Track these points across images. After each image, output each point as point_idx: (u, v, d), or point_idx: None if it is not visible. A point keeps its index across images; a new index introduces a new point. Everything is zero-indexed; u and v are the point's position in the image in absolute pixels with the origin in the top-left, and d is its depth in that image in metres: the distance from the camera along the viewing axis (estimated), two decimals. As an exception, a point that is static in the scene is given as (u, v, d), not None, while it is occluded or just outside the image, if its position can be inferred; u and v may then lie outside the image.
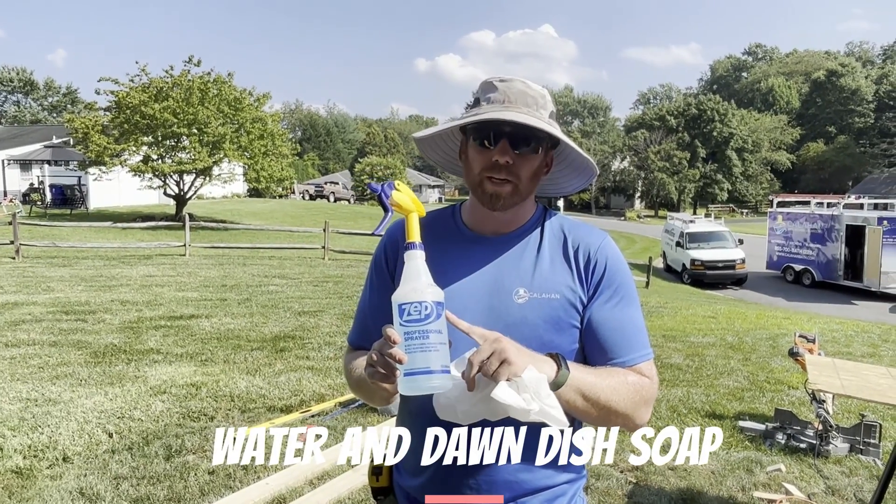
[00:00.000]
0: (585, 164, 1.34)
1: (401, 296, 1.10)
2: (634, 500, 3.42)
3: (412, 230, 1.18)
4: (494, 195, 1.24)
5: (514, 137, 1.22)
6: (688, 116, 60.20)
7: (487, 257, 1.30)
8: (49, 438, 3.94)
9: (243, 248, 17.02)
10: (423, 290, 1.10)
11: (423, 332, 1.07)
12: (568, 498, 1.30)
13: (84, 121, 22.78)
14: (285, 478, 3.46)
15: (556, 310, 1.24)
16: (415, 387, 1.07)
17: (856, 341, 8.52)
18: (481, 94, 1.29)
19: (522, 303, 1.24)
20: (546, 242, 1.31)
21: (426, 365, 1.06)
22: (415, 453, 1.30)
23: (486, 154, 1.24)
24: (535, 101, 1.26)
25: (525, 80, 1.28)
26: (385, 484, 1.40)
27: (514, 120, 1.20)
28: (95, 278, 11.03)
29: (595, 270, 1.27)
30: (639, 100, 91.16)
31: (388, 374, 1.08)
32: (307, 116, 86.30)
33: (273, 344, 6.66)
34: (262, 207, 35.85)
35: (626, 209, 59.72)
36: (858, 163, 61.02)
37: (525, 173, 1.25)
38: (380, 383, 1.10)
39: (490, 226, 1.32)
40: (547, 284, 1.25)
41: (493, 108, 1.24)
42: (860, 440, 4.10)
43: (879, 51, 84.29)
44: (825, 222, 20.47)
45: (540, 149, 1.26)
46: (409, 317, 1.08)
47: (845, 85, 67.17)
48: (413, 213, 1.21)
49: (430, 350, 1.06)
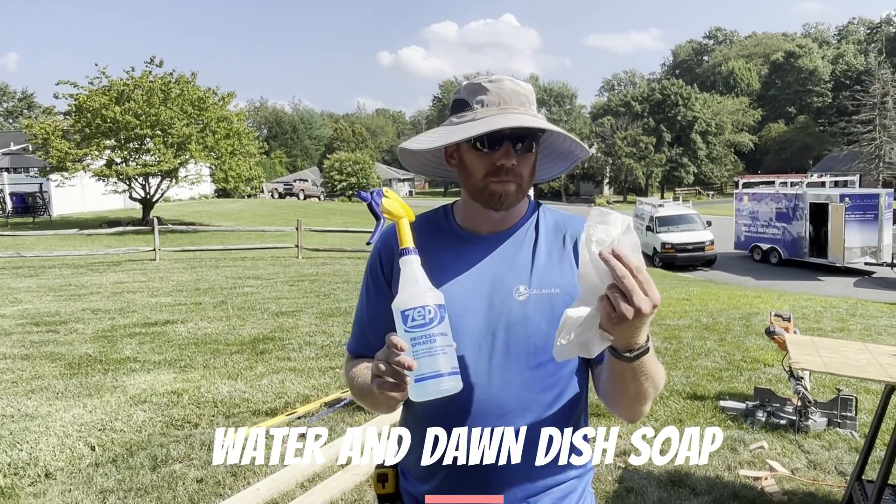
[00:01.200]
0: (570, 150, 1.34)
1: (402, 302, 1.09)
2: (625, 484, 3.47)
3: (405, 236, 1.17)
4: (503, 195, 1.23)
5: (515, 140, 1.22)
6: (652, 102, 60.94)
7: (484, 256, 1.28)
8: (29, 455, 3.84)
9: (215, 251, 16.78)
10: (424, 294, 1.09)
11: (428, 337, 1.06)
12: (578, 494, 1.31)
13: (43, 126, 22.18)
14: (276, 482, 3.44)
15: (558, 304, 1.22)
16: (426, 392, 1.06)
17: (825, 317, 8.74)
18: (468, 96, 1.26)
19: (523, 300, 1.23)
20: (542, 237, 1.30)
21: (435, 369, 1.05)
22: (419, 461, 1.29)
23: (486, 158, 1.22)
24: (528, 98, 1.26)
25: (512, 77, 1.27)
26: (391, 490, 1.38)
27: (529, 126, 1.19)
28: (64, 287, 10.78)
29: None
30: (603, 87, 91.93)
31: (398, 382, 1.05)
32: (272, 114, 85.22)
33: (252, 346, 6.59)
34: (232, 208, 35.36)
35: (595, 196, 60.24)
36: (818, 141, 62.43)
37: (526, 171, 1.25)
38: (389, 393, 1.07)
39: (485, 225, 1.31)
40: (546, 279, 1.25)
41: (491, 111, 1.22)
42: (837, 414, 4.21)
43: (834, 31, 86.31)
44: (789, 201, 20.93)
45: (535, 146, 1.26)
46: (414, 322, 1.07)
47: (803, 66, 68.61)
48: (404, 218, 1.20)
49: (438, 353, 1.06)
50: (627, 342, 1.02)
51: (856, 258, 18.89)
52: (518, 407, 1.21)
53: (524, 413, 1.21)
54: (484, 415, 1.21)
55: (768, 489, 3.38)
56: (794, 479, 3.53)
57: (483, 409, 1.21)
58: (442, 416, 1.23)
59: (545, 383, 1.23)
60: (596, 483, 3.50)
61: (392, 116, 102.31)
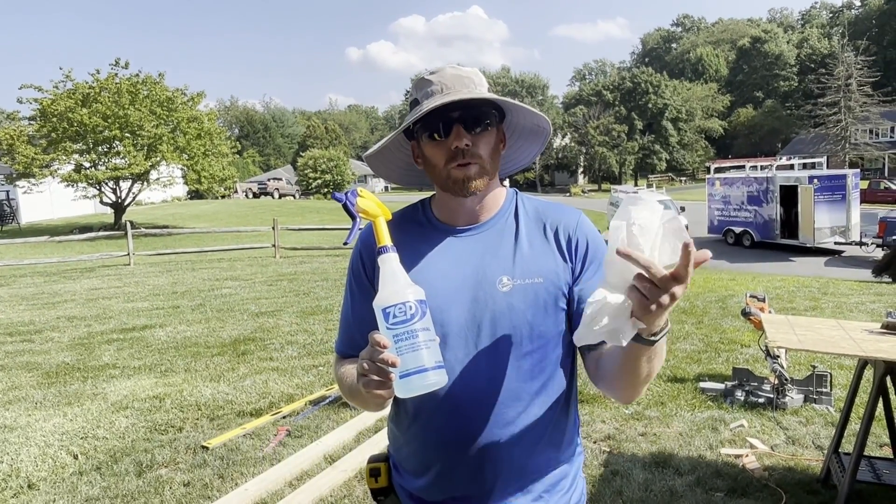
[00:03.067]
0: (535, 124, 1.34)
1: (382, 300, 1.09)
2: (611, 467, 3.52)
3: (381, 234, 1.18)
4: (464, 179, 1.23)
5: (465, 120, 1.22)
6: (623, 90, 61.45)
7: (465, 249, 1.28)
8: (10, 466, 3.79)
9: (190, 253, 16.56)
10: (404, 290, 1.09)
11: (411, 332, 1.06)
12: (570, 479, 1.32)
13: (7, 131, 21.67)
14: (264, 482, 3.43)
15: (541, 294, 1.23)
16: (411, 388, 1.06)
17: (798, 296, 8.93)
18: (417, 93, 1.27)
19: (507, 290, 1.23)
20: (523, 227, 1.30)
21: (419, 364, 1.05)
22: (416, 455, 1.30)
23: (442, 145, 1.23)
24: (471, 80, 1.26)
25: (454, 64, 1.29)
26: (384, 484, 1.38)
27: (458, 99, 1.19)
28: (37, 296, 10.58)
29: (577, 248, 1.27)
30: (575, 76, 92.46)
31: (383, 380, 1.05)
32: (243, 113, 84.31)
33: (233, 348, 6.54)
34: (206, 209, 34.91)
35: (570, 185, 60.62)
36: (786, 125, 63.51)
37: (485, 151, 1.24)
38: (375, 391, 1.06)
39: (463, 217, 1.31)
40: (529, 269, 1.24)
41: (434, 99, 1.22)
42: (813, 390, 4.32)
43: (798, 16, 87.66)
44: (760, 185, 21.26)
45: (491, 125, 1.26)
46: (395, 319, 1.07)
47: (769, 51, 69.68)
48: (380, 217, 1.20)
49: (421, 349, 1.06)
50: (653, 327, 1.02)
51: (826, 238, 19.26)
52: (507, 397, 1.22)
53: (513, 402, 1.22)
54: (473, 406, 1.21)
55: (749, 466, 3.46)
56: (774, 455, 3.61)
57: (472, 400, 1.21)
58: (431, 410, 1.24)
59: (532, 372, 1.23)
60: (583, 469, 3.54)
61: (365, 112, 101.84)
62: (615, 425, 4.15)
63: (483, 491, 1.24)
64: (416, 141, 1.29)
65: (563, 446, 1.30)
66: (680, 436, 3.93)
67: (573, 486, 1.33)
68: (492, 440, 1.21)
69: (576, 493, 1.34)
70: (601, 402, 4.59)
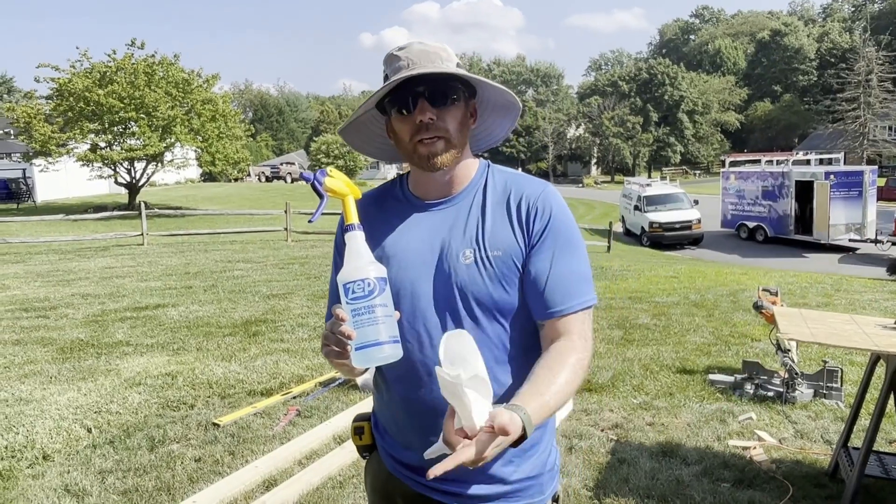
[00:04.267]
0: (506, 100, 1.35)
1: (345, 275, 1.14)
2: (617, 456, 3.54)
3: (349, 212, 1.22)
4: (430, 154, 1.25)
5: (431, 95, 1.23)
6: (639, 81, 60.94)
7: (435, 222, 1.31)
8: (26, 438, 3.85)
9: (203, 235, 16.68)
10: (365, 267, 1.14)
11: (368, 308, 1.11)
12: (543, 445, 1.36)
13: (25, 109, 21.83)
14: (274, 460, 3.47)
15: (501, 266, 1.25)
16: (366, 359, 1.12)
17: (810, 292, 8.87)
18: (387, 68, 1.29)
19: (469, 263, 1.25)
20: (489, 200, 1.31)
21: (375, 338, 1.11)
22: (393, 418, 1.37)
23: (409, 120, 1.25)
24: (438, 55, 1.27)
25: (422, 40, 1.30)
26: (369, 441, 1.45)
27: (421, 73, 1.21)
28: (52, 273, 10.70)
29: (536, 219, 1.27)
30: (591, 66, 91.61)
31: (341, 350, 1.12)
32: (258, 96, 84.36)
33: (245, 329, 6.60)
34: (218, 192, 35.10)
35: (583, 176, 60.41)
36: (804, 120, 62.79)
37: (452, 125, 1.26)
38: (335, 360, 1.13)
39: (434, 190, 1.33)
40: (491, 242, 1.26)
41: (400, 73, 1.24)
42: (824, 385, 4.30)
43: (819, 9, 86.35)
44: (775, 179, 21.09)
45: (458, 99, 1.27)
46: (354, 294, 1.12)
47: (789, 44, 68.74)
48: (349, 195, 1.23)
49: (378, 323, 1.11)
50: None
51: (840, 235, 19.10)
52: None
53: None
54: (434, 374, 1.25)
55: (757, 458, 3.47)
56: (782, 448, 3.61)
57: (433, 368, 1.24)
58: (404, 377, 1.29)
59: (497, 341, 1.26)
60: (589, 455, 3.57)
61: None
62: (623, 414, 4.16)
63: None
64: (388, 117, 1.32)
65: None
66: (688, 426, 3.94)
67: (545, 451, 1.37)
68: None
69: (550, 459, 1.38)
70: (609, 391, 4.60)
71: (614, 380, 4.85)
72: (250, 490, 3.21)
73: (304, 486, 3.18)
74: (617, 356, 5.49)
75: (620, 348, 5.76)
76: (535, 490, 1.34)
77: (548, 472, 1.37)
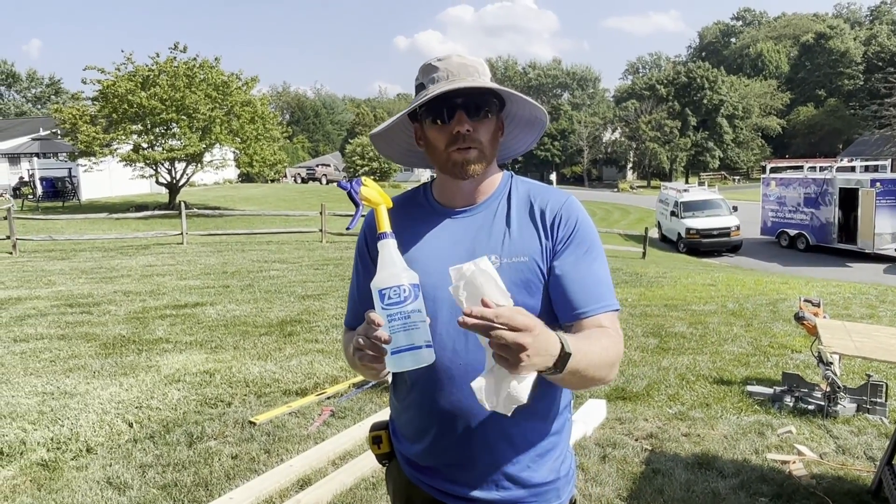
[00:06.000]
0: (533, 115, 1.39)
1: (379, 282, 1.17)
2: (651, 466, 3.49)
3: (382, 221, 1.26)
4: (464, 162, 1.30)
5: (468, 107, 1.28)
6: (677, 85, 59.99)
7: (460, 229, 1.36)
8: (70, 431, 3.98)
9: (240, 235, 16.98)
10: (400, 274, 1.18)
11: (403, 313, 1.14)
12: (559, 451, 1.38)
13: (72, 111, 22.51)
14: (308, 459, 3.52)
15: (526, 272, 1.29)
16: (402, 363, 1.15)
17: (854, 303, 8.63)
18: (423, 77, 1.33)
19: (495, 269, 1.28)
20: (514, 208, 1.36)
21: (410, 342, 1.14)
22: (412, 422, 1.39)
23: (445, 130, 1.29)
24: (476, 69, 1.32)
25: (461, 53, 1.35)
26: (387, 450, 1.49)
27: (463, 87, 1.26)
28: (95, 270, 11.01)
29: (560, 227, 1.32)
30: (628, 70, 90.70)
31: (376, 354, 1.14)
32: (295, 99, 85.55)
33: (280, 328, 6.70)
34: (255, 193, 35.67)
35: (618, 180, 59.71)
36: (848, 125, 61.03)
37: (485, 137, 1.31)
38: (369, 364, 1.17)
39: (460, 199, 1.38)
40: (516, 249, 1.31)
41: (440, 85, 1.29)
42: (867, 400, 4.18)
43: (867, 11, 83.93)
44: (818, 186, 20.56)
45: (491, 113, 1.32)
46: (390, 300, 1.15)
47: (834, 47, 66.96)
48: (381, 205, 1.28)
49: (412, 328, 1.14)
50: (541, 366, 1.05)
51: (886, 244, 18.53)
52: None
53: None
54: (465, 377, 1.28)
55: (796, 473, 3.39)
56: (823, 463, 3.52)
57: (465, 373, 1.28)
58: (427, 381, 1.32)
59: None
60: (622, 464, 3.53)
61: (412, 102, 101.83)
62: (658, 424, 4.11)
63: (472, 459, 1.32)
64: (420, 123, 1.36)
65: (550, 417, 1.37)
66: (724, 438, 3.87)
67: (561, 457, 1.39)
68: (479, 412, 1.28)
69: (564, 465, 1.41)
70: (644, 400, 4.54)
71: (649, 388, 4.79)
72: (285, 488, 3.26)
73: (338, 487, 3.22)
74: (652, 364, 5.42)
75: (655, 356, 5.68)
76: (552, 495, 1.37)
77: (563, 476, 1.40)
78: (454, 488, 1.34)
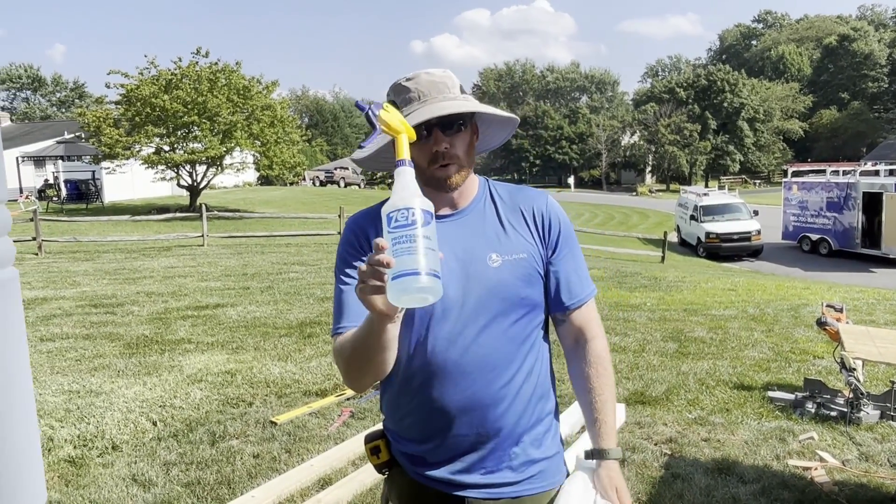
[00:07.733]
0: (505, 118, 1.48)
1: (389, 205, 1.11)
2: (671, 471, 3.49)
3: (402, 149, 1.18)
4: (445, 177, 1.37)
5: (443, 125, 1.35)
6: (697, 88, 59.42)
7: (450, 232, 1.38)
8: (96, 428, 4.05)
9: (259, 237, 17.15)
10: (411, 198, 1.10)
11: (409, 237, 1.06)
12: (554, 430, 1.49)
13: (95, 114, 22.89)
14: (329, 459, 3.56)
15: (526, 267, 1.40)
16: (402, 288, 1.05)
17: (878, 309, 8.51)
18: (395, 96, 1.39)
19: (497, 266, 1.37)
20: (501, 209, 1.45)
21: (413, 267, 1.04)
22: (419, 423, 1.40)
23: (425, 148, 1.35)
24: (445, 85, 1.38)
25: (427, 70, 1.41)
26: (386, 458, 1.49)
27: (439, 115, 1.32)
28: (119, 271, 11.19)
29: (551, 229, 1.44)
30: (647, 73, 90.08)
31: (377, 283, 1.07)
32: (314, 102, 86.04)
33: (300, 330, 6.76)
34: (274, 195, 35.96)
35: (637, 184, 59.26)
36: (872, 128, 60.14)
37: (461, 151, 1.39)
38: (370, 297, 1.09)
39: (442, 206, 1.42)
40: (514, 247, 1.40)
41: (413, 107, 1.35)
42: (892, 406, 4.13)
43: (892, 13, 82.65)
44: (841, 190, 20.29)
45: (465, 125, 1.39)
46: (396, 223, 1.08)
47: (858, 50, 66.00)
48: (402, 133, 1.20)
49: (417, 253, 1.05)
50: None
51: (911, 250, 18.24)
52: (502, 361, 1.36)
53: (508, 365, 1.37)
54: (475, 372, 1.34)
55: (818, 479, 3.36)
56: (846, 470, 3.49)
57: (473, 367, 1.34)
58: (438, 379, 1.34)
59: (521, 336, 1.39)
60: (642, 468, 3.53)
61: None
62: (678, 429, 4.09)
63: (484, 446, 1.37)
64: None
65: (546, 397, 1.46)
66: (745, 444, 3.85)
67: (557, 432, 1.51)
68: (492, 401, 1.35)
69: (558, 439, 1.51)
70: (663, 405, 4.53)
71: (668, 393, 4.78)
72: (306, 488, 3.30)
73: (358, 487, 3.25)
74: (671, 369, 5.39)
75: (675, 361, 5.65)
76: (556, 468, 1.47)
77: (561, 450, 1.51)
78: (468, 477, 1.38)
